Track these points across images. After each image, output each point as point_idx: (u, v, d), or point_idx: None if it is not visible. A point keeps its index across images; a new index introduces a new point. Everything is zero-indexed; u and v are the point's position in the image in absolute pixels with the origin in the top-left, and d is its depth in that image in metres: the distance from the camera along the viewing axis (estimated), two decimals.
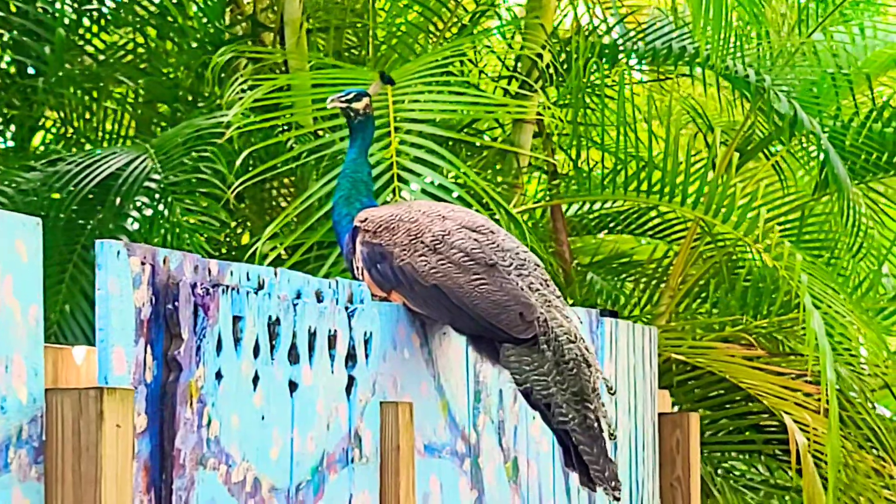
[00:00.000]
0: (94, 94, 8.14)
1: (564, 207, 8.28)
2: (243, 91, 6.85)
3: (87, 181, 6.64)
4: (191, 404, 3.27)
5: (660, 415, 6.93)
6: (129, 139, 8.10)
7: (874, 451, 7.08)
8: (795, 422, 6.93)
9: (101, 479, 2.87)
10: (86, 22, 8.12)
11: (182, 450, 3.22)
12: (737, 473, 8.33)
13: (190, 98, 8.08)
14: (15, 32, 8.01)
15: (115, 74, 8.20)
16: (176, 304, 3.25)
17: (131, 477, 2.96)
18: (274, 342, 3.63)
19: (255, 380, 3.54)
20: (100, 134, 8.15)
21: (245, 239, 7.95)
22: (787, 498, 8.44)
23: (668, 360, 7.54)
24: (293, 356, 3.70)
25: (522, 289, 4.25)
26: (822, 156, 7.66)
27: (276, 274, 3.68)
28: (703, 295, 8.39)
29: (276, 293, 3.66)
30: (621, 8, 8.39)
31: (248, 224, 7.98)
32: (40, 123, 8.34)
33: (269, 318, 3.61)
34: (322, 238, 6.10)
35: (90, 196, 6.83)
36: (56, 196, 6.87)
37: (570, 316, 4.35)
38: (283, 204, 7.81)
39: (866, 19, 8.28)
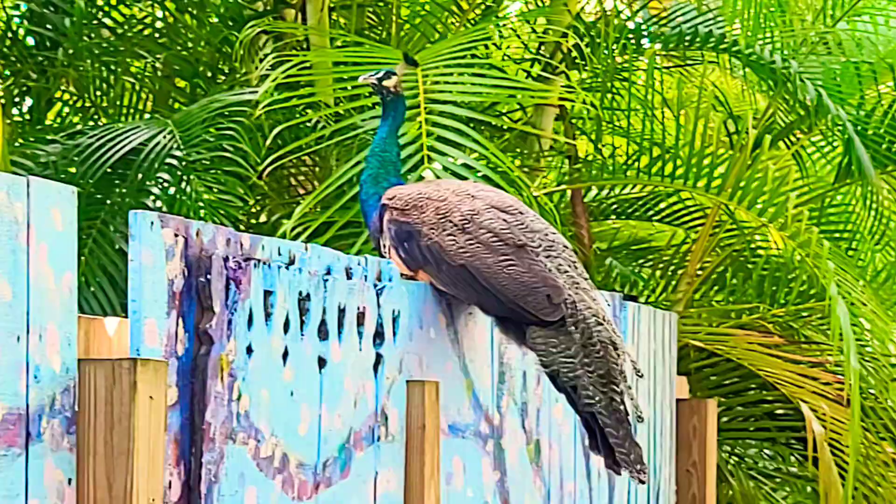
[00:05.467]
0: (113, 68, 8.09)
1: (584, 192, 8.23)
2: (265, 68, 6.80)
3: (108, 156, 6.60)
4: (221, 378, 3.24)
5: (677, 401, 6.92)
6: (146, 114, 8.05)
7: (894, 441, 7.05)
8: (812, 411, 6.91)
9: (134, 450, 2.84)
10: None
11: (212, 423, 3.20)
12: (750, 461, 8.31)
13: (209, 74, 8.02)
14: (33, 4, 7.96)
15: (134, 48, 8.15)
16: (208, 276, 3.23)
17: (163, 449, 2.94)
18: (304, 318, 3.60)
19: (285, 355, 3.51)
20: (117, 108, 8.10)
21: (263, 217, 7.91)
22: (799, 485, 8.42)
23: (686, 346, 7.51)
24: (322, 332, 3.68)
25: (551, 270, 4.22)
26: (844, 144, 7.62)
27: (306, 249, 3.66)
28: (720, 282, 8.34)
29: (307, 269, 3.63)
30: None
31: (266, 202, 7.94)
32: (57, 96, 8.29)
33: (300, 293, 3.59)
34: (347, 219, 6.05)
35: (109, 171, 6.78)
36: (73, 170, 6.82)
37: (597, 298, 4.32)
38: (303, 181, 7.76)
39: (890, 10, 8.23)
